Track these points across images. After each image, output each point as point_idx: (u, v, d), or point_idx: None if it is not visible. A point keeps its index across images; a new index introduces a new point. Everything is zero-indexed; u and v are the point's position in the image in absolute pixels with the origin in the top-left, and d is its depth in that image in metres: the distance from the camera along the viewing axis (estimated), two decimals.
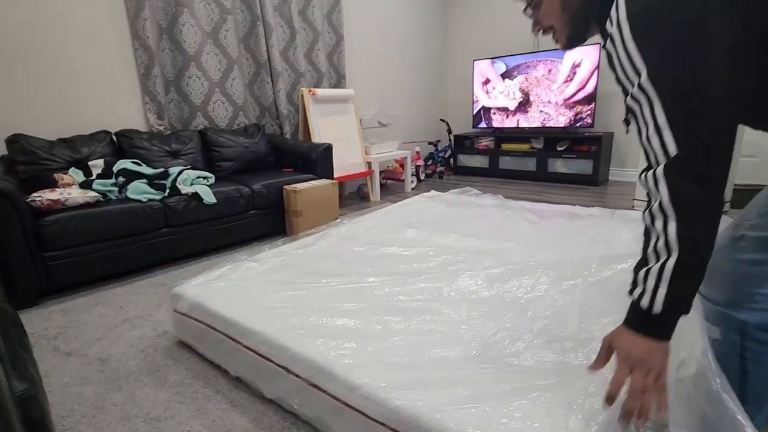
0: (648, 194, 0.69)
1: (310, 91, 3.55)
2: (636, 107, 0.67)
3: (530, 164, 4.64)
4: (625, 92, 0.69)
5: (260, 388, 1.24)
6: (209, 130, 3.06)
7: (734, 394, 0.73)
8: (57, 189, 2.05)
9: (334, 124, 3.76)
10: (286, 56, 3.64)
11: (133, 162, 2.45)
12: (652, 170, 0.66)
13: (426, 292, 1.40)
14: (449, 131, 5.32)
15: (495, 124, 4.97)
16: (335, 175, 3.47)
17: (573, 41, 0.86)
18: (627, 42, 0.65)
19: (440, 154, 5.28)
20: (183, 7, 2.90)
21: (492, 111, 4.96)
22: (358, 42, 4.30)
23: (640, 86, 0.65)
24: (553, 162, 4.48)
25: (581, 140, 4.32)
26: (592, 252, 1.58)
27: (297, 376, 1.08)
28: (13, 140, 2.25)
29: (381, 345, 1.10)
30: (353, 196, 4.24)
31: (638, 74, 0.65)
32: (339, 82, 4.12)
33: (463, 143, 5.22)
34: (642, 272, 0.69)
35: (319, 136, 3.58)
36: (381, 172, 4.53)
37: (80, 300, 2.00)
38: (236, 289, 1.49)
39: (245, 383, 1.30)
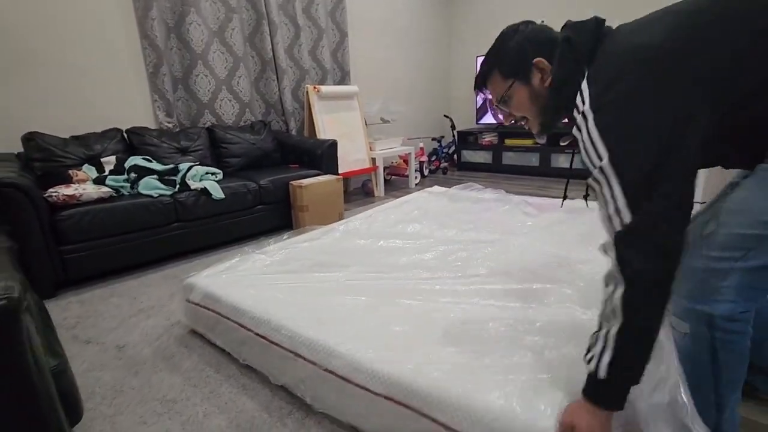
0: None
1: (314, 88, 3.60)
2: (597, 187, 0.75)
3: (533, 159, 4.67)
4: (589, 173, 0.76)
5: (269, 373, 1.30)
6: (217, 127, 3.13)
7: (705, 427, 0.78)
8: (72, 185, 2.13)
9: (339, 121, 3.81)
10: (291, 54, 3.69)
11: (143, 158, 2.52)
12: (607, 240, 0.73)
13: (426, 280, 1.45)
14: (453, 127, 5.35)
15: (500, 116, 4.98)
16: (340, 171, 3.52)
17: (546, 128, 0.95)
18: (591, 130, 0.73)
19: (444, 150, 5.32)
20: (190, 6, 2.96)
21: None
22: (361, 38, 4.34)
23: (601, 169, 0.72)
24: (557, 157, 4.50)
25: None
26: (583, 246, 1.62)
27: (305, 359, 1.14)
28: (29, 138, 2.32)
29: (384, 328, 1.16)
30: (358, 192, 4.29)
31: (600, 159, 0.72)
32: (343, 78, 4.16)
33: (466, 139, 5.25)
34: (593, 337, 0.76)
35: (324, 133, 3.63)
36: (385, 168, 4.58)
37: (96, 291, 2.07)
38: (245, 279, 1.55)
39: (255, 370, 1.37)
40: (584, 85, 0.77)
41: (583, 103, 0.75)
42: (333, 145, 3.23)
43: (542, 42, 0.88)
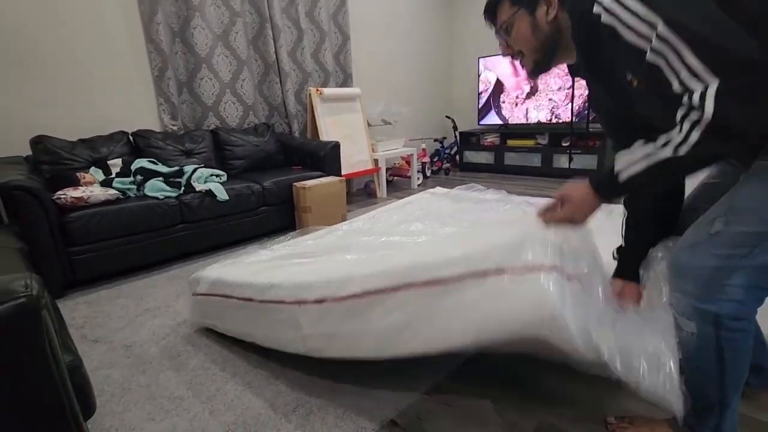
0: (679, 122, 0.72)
1: (317, 90, 3.64)
2: (661, 61, 0.69)
3: (535, 160, 4.69)
4: (639, 58, 0.72)
5: (279, 345, 1.31)
6: (221, 129, 3.16)
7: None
8: (80, 187, 2.16)
9: (341, 123, 3.84)
10: (294, 57, 3.73)
11: (149, 161, 2.56)
12: (694, 94, 0.67)
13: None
14: (455, 128, 5.38)
15: (504, 113, 5.00)
16: (343, 173, 3.55)
17: (539, 68, 0.95)
18: (631, 4, 0.71)
19: (446, 151, 5.34)
20: (194, 10, 3.00)
21: (502, 100, 4.97)
22: (363, 41, 4.37)
23: (659, 37, 0.68)
24: (559, 157, 4.51)
25: (586, 135, 4.35)
26: None
27: (310, 301, 1.15)
28: (37, 141, 2.37)
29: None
30: (360, 193, 4.32)
31: (654, 27, 0.68)
32: (345, 80, 4.20)
33: (468, 140, 5.27)
34: (640, 152, 0.79)
35: (326, 135, 3.66)
36: (388, 169, 4.61)
37: (103, 292, 2.11)
38: (251, 266, 1.57)
39: (260, 367, 1.39)
40: None
41: None
42: (336, 146, 3.26)
43: None
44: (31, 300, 0.58)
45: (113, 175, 2.38)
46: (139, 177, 2.38)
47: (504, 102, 4.98)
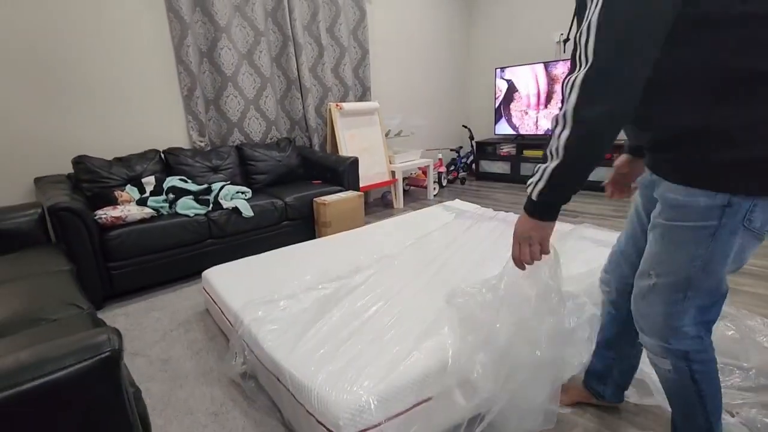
0: (561, 100, 0.81)
1: (337, 105, 3.75)
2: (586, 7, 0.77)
3: None
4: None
5: None
6: (245, 145, 3.31)
7: None
8: (118, 206, 2.32)
9: (360, 136, 3.96)
10: (314, 72, 3.85)
11: (180, 179, 2.71)
12: (573, 76, 0.76)
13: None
14: (471, 137, 5.43)
15: (515, 122, 5.04)
16: (362, 184, 3.67)
17: None
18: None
19: (462, 160, 5.40)
20: (221, 32, 3.15)
21: (513, 108, 5.01)
22: (382, 54, 4.47)
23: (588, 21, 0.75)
24: None
25: None
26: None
27: None
28: (78, 161, 2.54)
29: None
30: (378, 203, 4.43)
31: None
32: (364, 94, 4.30)
33: (485, 149, 5.32)
34: (536, 167, 0.88)
35: (345, 148, 3.78)
36: (404, 179, 4.70)
37: (139, 305, 2.26)
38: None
39: None
40: None
41: None
42: (354, 162, 3.37)
43: None
44: (114, 353, 0.70)
45: (147, 194, 2.53)
46: (171, 195, 2.53)
47: (514, 111, 5.03)
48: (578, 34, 0.78)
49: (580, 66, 0.76)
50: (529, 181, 0.89)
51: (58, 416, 0.68)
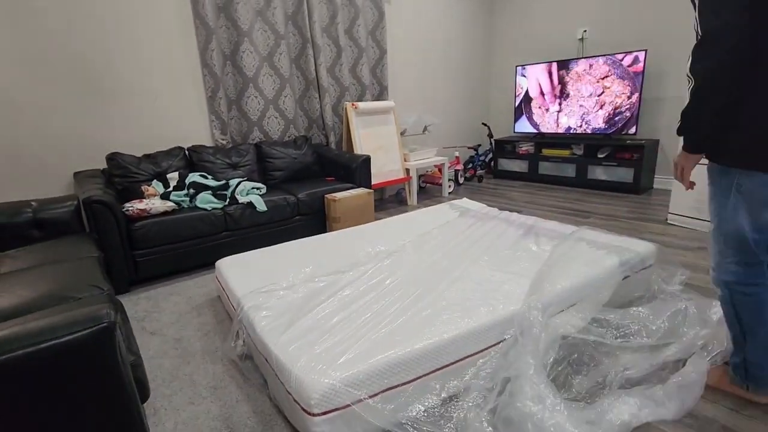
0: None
1: (352, 104, 3.88)
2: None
3: (570, 170, 4.67)
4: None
5: None
6: (263, 143, 3.50)
7: None
8: (144, 200, 2.55)
9: (375, 134, 4.08)
10: (332, 73, 4.00)
11: (200, 175, 2.93)
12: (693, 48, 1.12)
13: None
14: (490, 135, 5.44)
15: (536, 120, 5.02)
16: (375, 182, 3.80)
17: None
18: None
19: (480, 158, 5.42)
20: (244, 36, 3.34)
21: (532, 104, 5.00)
22: (400, 53, 4.56)
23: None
24: (594, 169, 4.48)
25: (623, 148, 4.29)
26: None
27: None
28: (111, 157, 2.79)
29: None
30: (393, 200, 4.54)
31: None
32: (381, 93, 4.41)
33: (504, 147, 5.33)
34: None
35: (360, 146, 3.91)
36: (420, 176, 4.79)
37: (160, 289, 2.49)
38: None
39: None
40: None
41: None
42: (366, 160, 3.49)
43: None
44: (110, 325, 0.86)
45: (171, 188, 2.76)
46: (191, 190, 2.75)
47: (535, 108, 5.00)
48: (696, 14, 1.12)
49: (697, 37, 1.11)
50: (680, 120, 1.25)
51: (65, 374, 0.84)
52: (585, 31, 4.62)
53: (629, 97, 4.19)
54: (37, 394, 0.82)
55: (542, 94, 4.89)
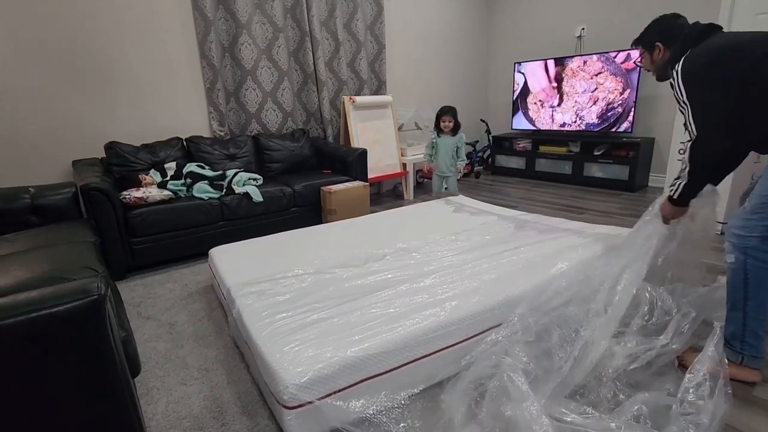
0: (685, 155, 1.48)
1: (350, 98, 3.91)
2: (684, 110, 1.45)
3: (566, 167, 4.70)
4: (678, 102, 1.47)
5: None
6: (261, 135, 3.53)
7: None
8: (141, 188, 2.59)
9: (372, 128, 4.10)
10: (330, 66, 4.02)
11: (198, 165, 2.96)
12: (688, 141, 1.45)
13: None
14: (488, 131, 5.47)
15: (532, 115, 5.05)
16: (372, 175, 3.83)
17: (660, 79, 1.70)
18: (679, 83, 1.44)
19: (478, 155, 5.45)
20: (242, 28, 3.36)
21: (530, 101, 5.03)
22: (399, 48, 4.58)
23: (683, 102, 1.45)
24: (590, 166, 4.51)
25: (619, 145, 4.31)
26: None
27: None
28: (110, 146, 2.83)
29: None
30: (389, 194, 4.58)
31: (683, 95, 1.44)
32: (380, 87, 4.44)
33: (501, 144, 5.35)
34: (675, 181, 1.54)
35: (358, 140, 3.94)
36: (417, 171, 4.82)
37: (156, 276, 2.53)
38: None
39: None
40: (683, 58, 1.45)
41: (677, 69, 1.45)
42: (363, 153, 3.52)
43: (671, 31, 1.58)
44: (101, 297, 0.89)
45: (168, 178, 2.79)
46: (188, 180, 2.78)
47: (531, 104, 5.03)
48: (686, 115, 1.46)
49: (691, 135, 1.45)
50: (670, 187, 1.58)
51: (55, 344, 0.88)
52: (583, 28, 4.63)
53: (621, 93, 4.22)
54: (29, 362, 0.86)
55: (538, 90, 4.91)
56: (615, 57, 4.17)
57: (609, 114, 4.36)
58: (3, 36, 2.56)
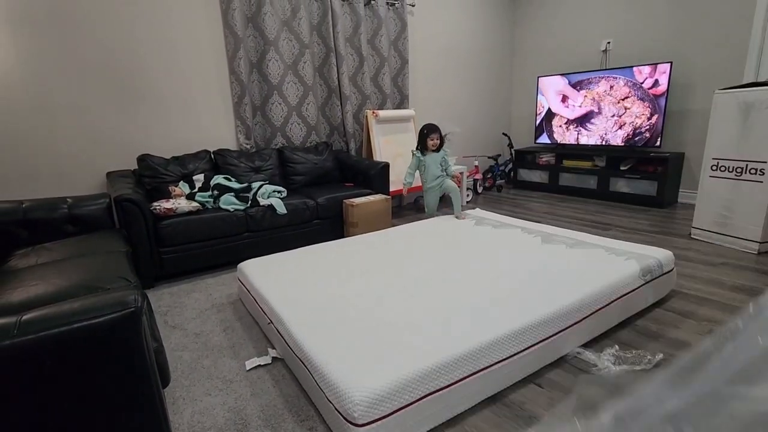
0: None
1: (373, 112, 3.96)
2: None
3: (591, 182, 4.61)
4: None
5: None
6: (286, 148, 3.60)
7: None
8: (171, 199, 2.66)
9: (395, 142, 4.13)
10: (354, 81, 4.09)
11: (224, 177, 3.03)
12: None
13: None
14: (510, 145, 5.43)
15: (556, 137, 5.00)
16: (393, 189, 3.84)
17: None
18: None
19: (500, 168, 5.41)
20: (270, 45, 3.46)
21: (555, 123, 4.99)
22: (422, 63, 4.62)
23: None
24: (616, 181, 4.41)
25: (647, 160, 4.22)
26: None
27: None
28: (142, 159, 2.93)
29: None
30: (411, 207, 4.58)
31: None
32: (402, 102, 4.48)
33: (524, 158, 5.30)
34: None
35: (380, 153, 3.97)
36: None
37: (183, 286, 2.59)
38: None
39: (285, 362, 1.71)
40: None
41: None
42: (385, 167, 3.54)
43: None
44: (137, 310, 0.92)
45: (196, 189, 2.87)
46: (215, 192, 2.85)
47: (557, 126, 4.98)
48: None
49: None
50: None
51: (95, 353, 0.91)
52: (609, 42, 4.58)
53: (649, 119, 4.15)
54: (69, 371, 0.89)
55: (562, 110, 4.86)
56: (642, 83, 4.11)
57: (636, 138, 4.30)
58: (46, 53, 2.70)
